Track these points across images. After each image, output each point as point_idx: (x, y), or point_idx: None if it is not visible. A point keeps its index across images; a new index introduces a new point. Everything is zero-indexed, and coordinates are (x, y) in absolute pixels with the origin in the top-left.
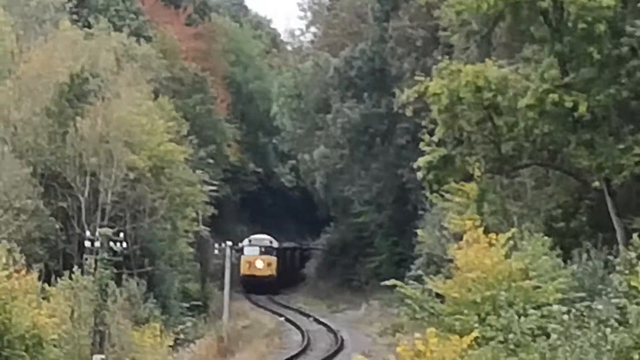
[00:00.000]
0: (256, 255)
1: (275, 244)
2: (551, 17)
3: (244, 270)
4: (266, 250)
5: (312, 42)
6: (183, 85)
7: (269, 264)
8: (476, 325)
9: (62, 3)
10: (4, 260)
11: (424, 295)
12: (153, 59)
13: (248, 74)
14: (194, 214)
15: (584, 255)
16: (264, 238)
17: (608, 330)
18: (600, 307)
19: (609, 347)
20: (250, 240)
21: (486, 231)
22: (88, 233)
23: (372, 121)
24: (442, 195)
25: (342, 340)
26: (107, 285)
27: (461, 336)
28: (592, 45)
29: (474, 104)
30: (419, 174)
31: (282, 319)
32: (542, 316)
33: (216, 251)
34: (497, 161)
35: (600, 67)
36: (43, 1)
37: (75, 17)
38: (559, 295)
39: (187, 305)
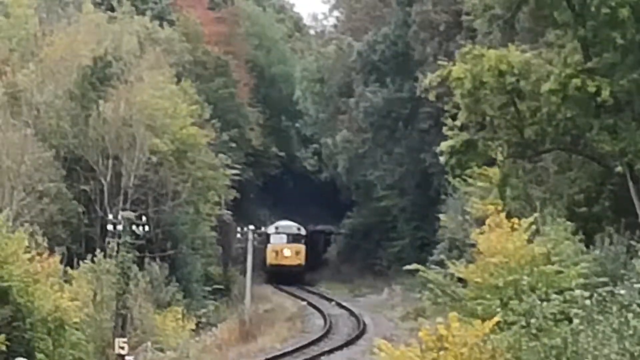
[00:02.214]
0: (283, 243)
1: (303, 231)
2: (574, 2)
3: (270, 259)
4: (294, 238)
5: (335, 26)
6: (206, 69)
7: (297, 253)
8: (498, 309)
9: None
10: (26, 243)
11: (446, 279)
12: (176, 43)
13: (271, 58)
14: (216, 198)
15: (607, 240)
16: (292, 225)
17: (630, 315)
18: (622, 292)
19: (631, 332)
20: (276, 228)
21: (508, 216)
22: (110, 216)
23: (395, 105)
24: (464, 180)
25: (364, 324)
26: (129, 268)
27: (483, 321)
28: (615, 30)
29: (497, 88)
30: (442, 159)
31: (304, 303)
32: (565, 301)
33: (238, 235)
34: (519, 146)
35: (623, 52)
36: None
37: (98, 0)
38: (581, 280)
39: (209, 288)
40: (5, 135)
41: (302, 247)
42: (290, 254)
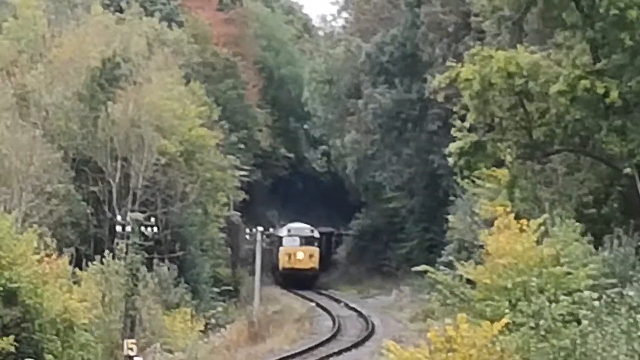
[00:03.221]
0: (296, 246)
1: (317, 234)
2: (583, 3)
3: (283, 263)
4: (307, 241)
5: (343, 27)
6: (214, 70)
7: (310, 256)
8: (507, 311)
9: None
10: (35, 244)
11: (454, 281)
12: (184, 44)
13: (280, 59)
14: (225, 199)
15: (615, 242)
16: (305, 227)
17: (639, 316)
18: (631, 293)
19: (639, 333)
20: (289, 230)
21: (517, 217)
22: (119, 217)
23: (404, 107)
24: (473, 181)
25: (373, 325)
26: (138, 269)
27: (492, 322)
28: (624, 32)
29: (506, 89)
30: (450, 160)
31: (313, 304)
32: (573, 302)
33: (247, 236)
34: (528, 147)
35: (632, 54)
36: None
37: (106, 1)
38: (590, 282)
39: (217, 290)
40: (14, 137)
41: (315, 250)
42: (304, 257)
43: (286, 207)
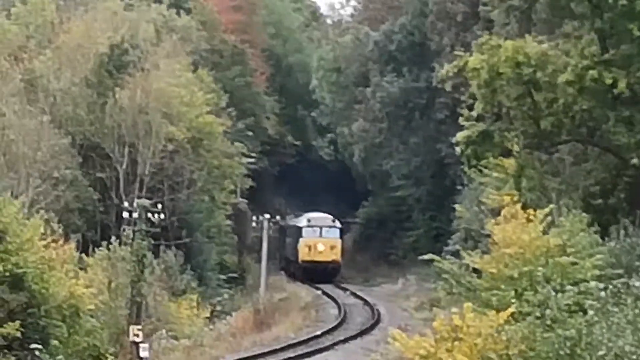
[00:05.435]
0: (317, 237)
1: (339, 224)
2: None
3: (302, 255)
4: (329, 232)
5: (352, 15)
6: (222, 58)
7: (332, 247)
8: (513, 300)
9: None
10: (42, 230)
11: (461, 270)
12: (193, 31)
13: (288, 47)
14: (232, 186)
15: (622, 232)
16: (325, 217)
17: None
18: (637, 284)
19: None
20: (309, 220)
21: (524, 207)
22: (126, 204)
23: (412, 95)
24: (480, 171)
25: (379, 314)
26: (144, 256)
27: (498, 311)
28: (632, 22)
29: (514, 79)
30: (458, 149)
31: (319, 292)
32: (579, 292)
33: (254, 224)
34: (535, 137)
35: None
36: None
37: None
38: (596, 272)
39: (224, 277)
40: (21, 122)
41: (337, 242)
42: (325, 248)
43: (293, 194)
